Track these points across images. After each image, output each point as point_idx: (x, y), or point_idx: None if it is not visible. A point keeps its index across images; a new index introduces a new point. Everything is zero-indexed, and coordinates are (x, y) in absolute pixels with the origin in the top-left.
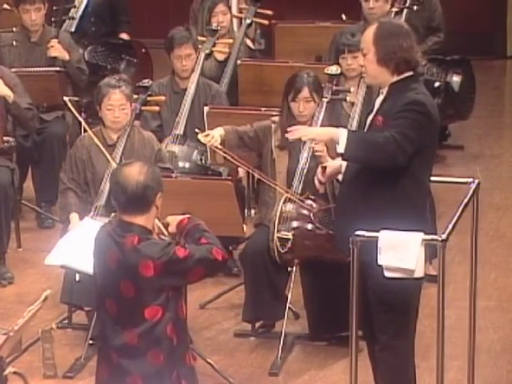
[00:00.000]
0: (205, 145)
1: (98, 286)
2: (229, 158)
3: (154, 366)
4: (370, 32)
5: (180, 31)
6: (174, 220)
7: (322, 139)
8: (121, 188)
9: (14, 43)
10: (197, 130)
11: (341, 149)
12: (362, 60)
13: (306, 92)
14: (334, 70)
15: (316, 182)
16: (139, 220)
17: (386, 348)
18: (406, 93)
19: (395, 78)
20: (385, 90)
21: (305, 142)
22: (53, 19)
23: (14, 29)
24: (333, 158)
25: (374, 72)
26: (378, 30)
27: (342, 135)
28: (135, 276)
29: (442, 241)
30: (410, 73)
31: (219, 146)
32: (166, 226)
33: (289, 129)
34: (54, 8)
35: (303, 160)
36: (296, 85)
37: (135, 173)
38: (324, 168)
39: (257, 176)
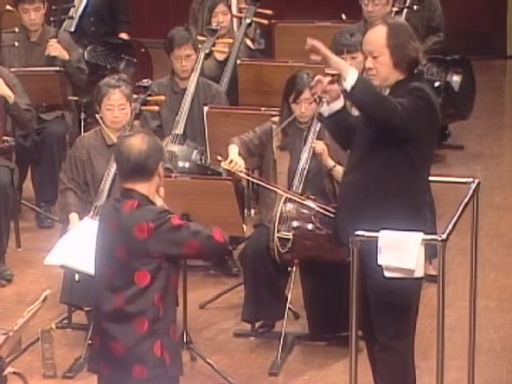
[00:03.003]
0: (205, 146)
1: (96, 258)
2: (255, 180)
3: (137, 334)
4: (381, 34)
5: (180, 31)
6: None
7: (333, 65)
8: (125, 156)
9: (16, 44)
10: (219, 158)
11: (348, 85)
12: (370, 62)
13: (307, 93)
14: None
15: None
16: (141, 187)
17: (386, 348)
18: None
19: (402, 77)
20: (388, 88)
21: (305, 143)
22: (52, 19)
23: (17, 29)
24: (332, 158)
25: (386, 74)
26: (390, 32)
27: (352, 73)
28: (129, 238)
29: (442, 241)
30: (415, 71)
31: (244, 171)
32: None
33: (310, 41)
34: (53, 8)
35: (303, 160)
36: (297, 86)
37: (138, 142)
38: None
39: (278, 191)
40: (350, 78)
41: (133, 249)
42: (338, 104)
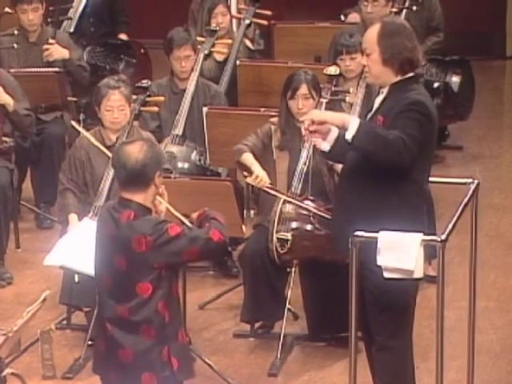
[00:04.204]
0: (205, 147)
1: (95, 261)
2: (280, 195)
3: (145, 342)
4: (374, 32)
5: (179, 32)
6: (195, 215)
7: (334, 123)
8: (121, 164)
9: (15, 46)
10: (245, 174)
11: (349, 136)
12: (364, 60)
13: (304, 89)
14: (333, 70)
15: (302, 129)
16: (137, 197)
17: (383, 349)
18: (406, 93)
19: (397, 78)
20: (385, 90)
21: (304, 142)
22: (49, 20)
23: (16, 32)
24: None
25: (377, 72)
26: (382, 29)
27: (352, 123)
28: (128, 250)
29: (442, 241)
30: (412, 73)
31: (270, 186)
32: (191, 222)
33: (302, 118)
34: (51, 8)
35: (303, 160)
36: (294, 83)
37: (136, 150)
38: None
39: (287, 199)
40: (351, 128)
41: (133, 260)
42: (333, 134)
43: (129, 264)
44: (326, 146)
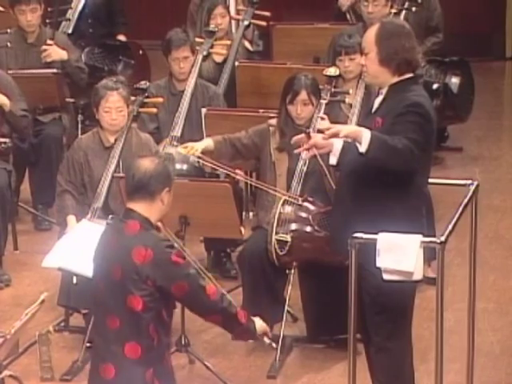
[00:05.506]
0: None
1: (93, 274)
2: (211, 165)
3: (129, 359)
4: (372, 32)
5: (177, 33)
6: None
7: (352, 137)
8: (131, 174)
9: (9, 44)
10: (175, 143)
11: (363, 149)
12: (362, 59)
13: (303, 95)
14: (332, 71)
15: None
16: (141, 208)
17: (381, 350)
18: (405, 94)
19: (395, 79)
20: (384, 91)
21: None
22: (48, 21)
23: (9, 30)
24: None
25: (375, 72)
26: (380, 30)
27: (365, 135)
28: (126, 260)
29: (441, 243)
30: (411, 74)
31: (200, 155)
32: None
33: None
34: (49, 9)
35: (302, 161)
36: (294, 87)
37: (147, 163)
38: (308, 136)
39: (251, 182)
40: (364, 141)
41: (128, 271)
42: (338, 146)
43: (123, 274)
44: (333, 159)
